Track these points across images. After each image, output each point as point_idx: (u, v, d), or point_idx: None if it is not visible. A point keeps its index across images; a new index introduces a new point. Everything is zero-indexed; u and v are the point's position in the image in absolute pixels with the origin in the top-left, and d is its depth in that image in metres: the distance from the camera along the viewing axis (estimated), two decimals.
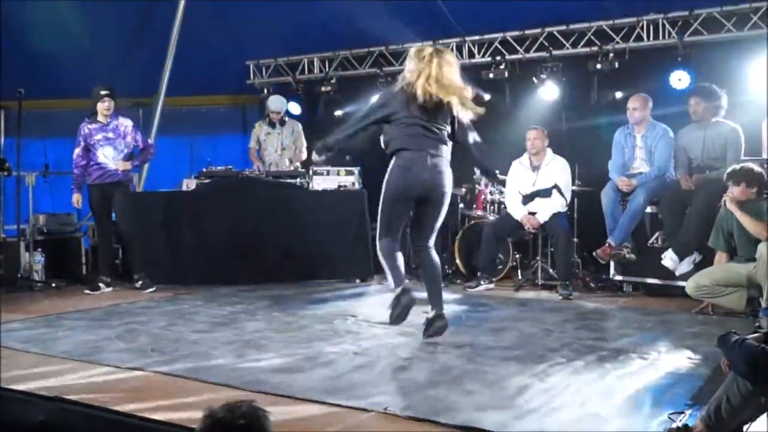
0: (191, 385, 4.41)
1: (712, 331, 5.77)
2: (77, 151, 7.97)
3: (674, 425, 3.47)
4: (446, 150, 5.64)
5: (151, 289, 7.89)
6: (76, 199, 8.05)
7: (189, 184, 8.71)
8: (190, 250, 8.41)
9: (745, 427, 3.32)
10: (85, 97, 8.07)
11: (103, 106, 7.94)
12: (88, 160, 7.96)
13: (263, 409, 2.45)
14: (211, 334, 5.79)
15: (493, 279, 8.22)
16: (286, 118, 9.75)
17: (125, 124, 8.12)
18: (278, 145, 9.54)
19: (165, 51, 9.97)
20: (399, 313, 5.66)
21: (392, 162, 5.64)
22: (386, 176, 5.66)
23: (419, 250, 5.79)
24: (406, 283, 5.70)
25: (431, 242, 5.76)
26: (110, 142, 7.98)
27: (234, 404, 2.40)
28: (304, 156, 9.48)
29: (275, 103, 9.67)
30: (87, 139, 7.95)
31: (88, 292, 7.87)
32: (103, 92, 7.92)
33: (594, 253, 7.65)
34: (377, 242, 5.77)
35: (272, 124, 9.61)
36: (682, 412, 3.68)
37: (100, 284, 7.97)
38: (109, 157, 7.96)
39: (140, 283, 8.01)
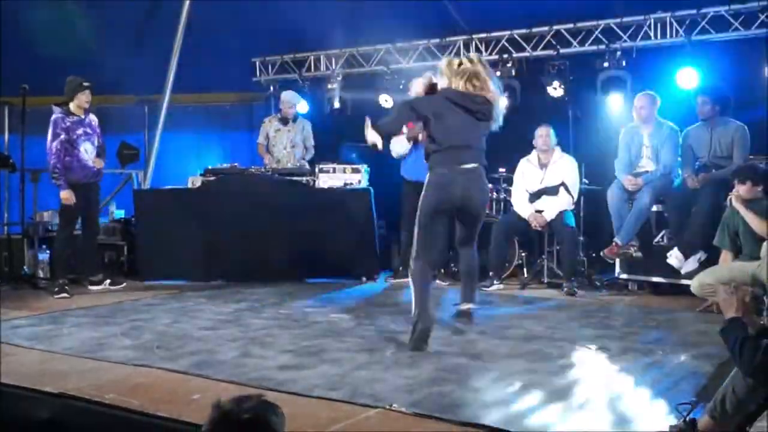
0: (196, 382, 4.45)
1: (716, 329, 5.75)
2: (56, 144, 7.56)
3: (680, 421, 3.48)
4: None
5: (122, 285, 7.93)
6: (68, 195, 7.62)
7: (194, 182, 8.73)
8: (195, 247, 8.43)
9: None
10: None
11: (84, 98, 7.70)
12: (66, 155, 7.65)
13: (275, 405, 2.43)
14: (216, 332, 5.83)
15: (500, 277, 8.23)
16: (298, 115, 9.75)
17: (94, 119, 7.98)
18: (287, 142, 9.48)
19: (171, 48, 9.98)
20: (417, 338, 5.27)
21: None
22: None
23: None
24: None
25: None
26: (88, 138, 7.81)
27: (243, 398, 2.41)
28: (311, 155, 9.48)
29: (289, 96, 9.62)
30: (69, 133, 7.65)
31: (64, 296, 7.49)
32: (85, 83, 7.70)
33: (601, 253, 7.66)
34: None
35: (284, 121, 9.52)
36: (690, 403, 3.69)
37: (56, 288, 7.61)
38: (89, 153, 7.80)
39: (108, 281, 7.99)
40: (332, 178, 8.73)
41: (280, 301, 7.26)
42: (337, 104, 10.49)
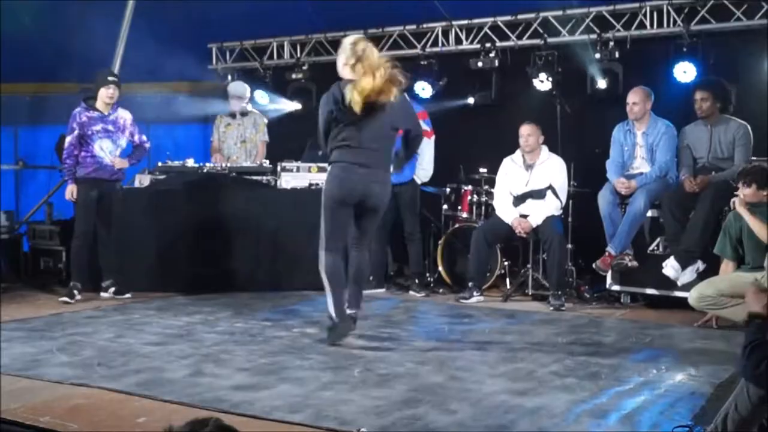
0: (142, 403, 4.41)
1: (716, 347, 5.86)
2: (69, 139, 7.88)
3: None
4: None
5: (125, 296, 7.94)
6: (71, 190, 7.88)
7: (142, 180, 8.66)
8: (141, 254, 8.37)
9: None
10: (13, 82, 7.89)
11: (108, 93, 7.91)
12: (80, 151, 7.89)
13: (233, 429, 2.41)
14: (164, 347, 5.78)
15: (481, 288, 8.23)
16: (249, 108, 9.68)
17: (125, 116, 8.13)
18: (237, 138, 9.44)
19: (117, 31, 9.88)
20: (335, 338, 5.86)
21: None
22: None
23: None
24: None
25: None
26: (109, 135, 7.98)
27: (197, 422, 2.37)
28: (261, 156, 9.32)
29: (236, 88, 9.58)
30: (83, 129, 7.87)
31: (67, 300, 7.68)
32: (110, 78, 7.92)
33: (594, 265, 7.69)
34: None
35: (232, 114, 9.52)
36: (687, 426, 3.70)
37: (75, 291, 7.80)
38: (106, 151, 7.94)
39: (112, 289, 8.01)
40: (296, 177, 8.70)
41: (236, 313, 7.21)
42: (301, 96, 10.47)
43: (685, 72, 8.35)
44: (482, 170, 8.89)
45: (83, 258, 8.03)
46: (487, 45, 9.50)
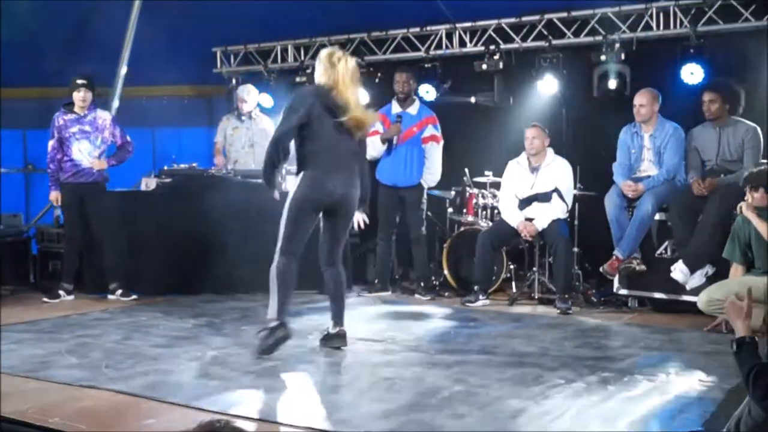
0: (149, 405, 4.42)
1: (725, 351, 5.79)
2: (52, 143, 8.02)
3: None
4: None
5: (133, 297, 8.01)
6: (55, 197, 8.07)
7: (149, 184, 8.68)
8: (148, 257, 8.38)
9: None
10: (25, 87, 8.03)
11: (79, 97, 8.02)
12: (62, 155, 8.03)
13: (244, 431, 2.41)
14: (171, 350, 5.79)
15: (487, 291, 8.23)
16: (257, 112, 9.72)
17: (103, 117, 8.24)
18: (246, 142, 9.52)
19: (122, 34, 9.91)
20: (270, 345, 5.58)
21: None
22: None
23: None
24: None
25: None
26: (86, 136, 8.07)
27: (210, 423, 2.36)
28: None
29: (246, 91, 9.65)
30: (61, 132, 8.02)
31: (46, 300, 7.91)
32: (79, 81, 8.00)
33: (601, 269, 7.68)
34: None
35: (240, 118, 9.57)
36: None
37: (61, 291, 8.01)
38: (84, 153, 8.03)
39: (119, 292, 8.07)
40: None
41: (243, 316, 7.23)
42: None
43: (692, 73, 8.30)
44: (487, 173, 8.88)
45: (73, 262, 8.18)
46: (492, 47, 9.47)
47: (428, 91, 9.55)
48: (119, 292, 8.06)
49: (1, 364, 5.20)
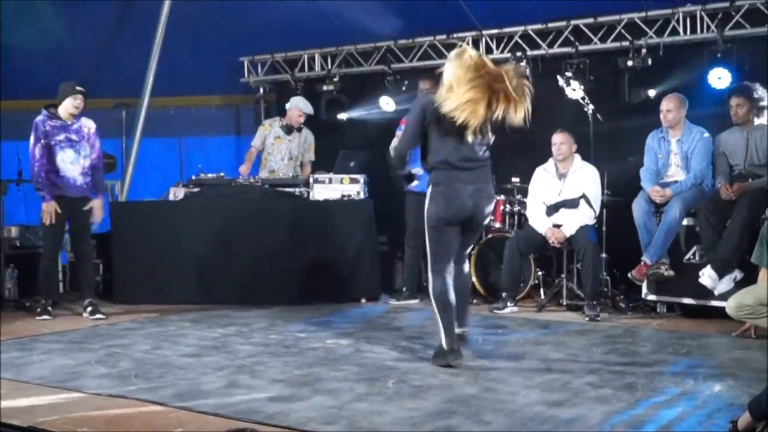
0: (178, 414, 4.45)
1: (754, 356, 5.80)
2: (38, 148, 7.61)
3: None
4: None
5: (100, 316, 7.68)
6: (53, 207, 7.59)
7: (177, 193, 8.74)
8: (177, 266, 8.47)
9: None
10: (49, 98, 7.88)
11: (75, 104, 7.67)
12: (49, 164, 7.68)
13: None
14: (200, 359, 5.83)
15: (515, 298, 8.23)
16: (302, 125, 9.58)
17: (89, 125, 7.93)
18: (285, 153, 9.46)
19: (150, 46, 10.00)
20: (444, 366, 5.50)
21: None
22: None
23: None
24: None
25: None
26: (72, 145, 7.74)
27: (237, 431, 2.40)
28: (308, 171, 9.37)
29: (303, 104, 9.50)
30: (48, 138, 7.64)
31: (46, 318, 7.67)
32: (78, 88, 7.68)
33: (629, 275, 7.66)
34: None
35: (288, 129, 9.47)
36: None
37: (39, 308, 7.78)
38: (68, 162, 7.71)
39: (89, 309, 7.79)
40: (328, 189, 8.73)
41: (270, 325, 7.26)
42: (333, 108, 10.52)
43: (719, 78, 8.28)
44: (514, 180, 8.89)
45: (53, 276, 8.13)
46: (518, 54, 9.50)
47: None
48: (89, 309, 7.77)
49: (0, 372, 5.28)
